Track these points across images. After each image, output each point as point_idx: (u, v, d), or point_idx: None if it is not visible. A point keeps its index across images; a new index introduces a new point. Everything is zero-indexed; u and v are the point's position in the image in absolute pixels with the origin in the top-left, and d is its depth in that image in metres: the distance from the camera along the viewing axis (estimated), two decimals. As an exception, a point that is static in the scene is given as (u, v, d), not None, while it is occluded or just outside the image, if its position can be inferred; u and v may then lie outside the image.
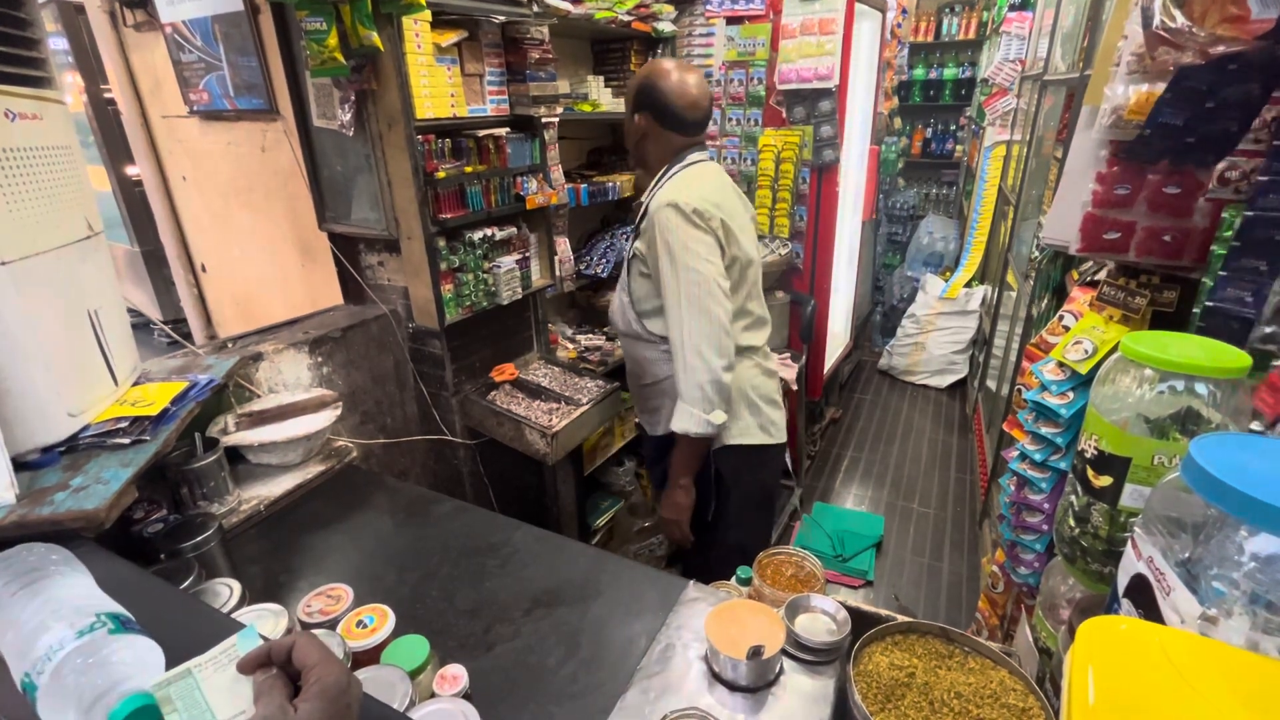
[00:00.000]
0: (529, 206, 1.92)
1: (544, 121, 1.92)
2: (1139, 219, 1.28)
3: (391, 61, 1.51)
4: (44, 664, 0.57)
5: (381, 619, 0.91)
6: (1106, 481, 0.96)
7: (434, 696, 0.82)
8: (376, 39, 1.43)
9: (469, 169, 1.73)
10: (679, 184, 1.43)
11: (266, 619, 0.89)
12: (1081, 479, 1.02)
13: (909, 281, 5.04)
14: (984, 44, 5.41)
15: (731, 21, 2.73)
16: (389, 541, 1.26)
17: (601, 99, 2.32)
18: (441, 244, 1.72)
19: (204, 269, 2.65)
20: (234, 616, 0.88)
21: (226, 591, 0.96)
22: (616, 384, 1.96)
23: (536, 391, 1.96)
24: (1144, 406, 0.92)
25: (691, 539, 1.60)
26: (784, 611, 0.96)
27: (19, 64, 0.94)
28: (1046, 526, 1.33)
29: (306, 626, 0.93)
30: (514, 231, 1.93)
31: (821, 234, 2.92)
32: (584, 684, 0.92)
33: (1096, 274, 1.53)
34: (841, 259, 3.47)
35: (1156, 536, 0.70)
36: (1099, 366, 1.13)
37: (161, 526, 1.09)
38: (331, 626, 0.92)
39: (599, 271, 2.40)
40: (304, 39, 1.40)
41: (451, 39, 1.64)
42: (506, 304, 1.94)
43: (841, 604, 0.97)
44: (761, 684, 0.90)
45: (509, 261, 1.91)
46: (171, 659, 0.54)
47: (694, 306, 1.37)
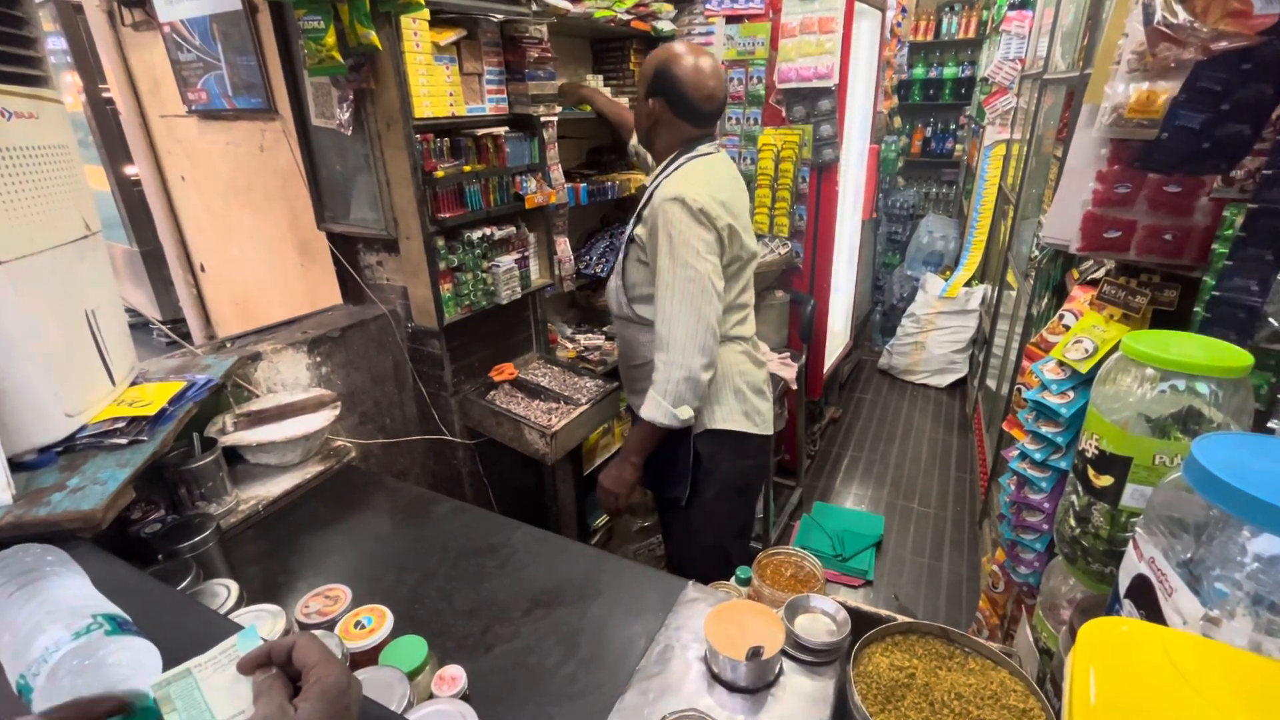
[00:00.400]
0: (528, 206, 1.92)
1: (543, 120, 1.92)
2: (1139, 218, 1.27)
3: (390, 60, 1.50)
4: (40, 665, 0.57)
5: (380, 620, 0.91)
6: (1107, 481, 0.96)
7: (432, 697, 0.82)
8: (375, 38, 1.43)
9: (468, 168, 1.73)
10: (687, 177, 1.42)
11: (264, 620, 0.89)
12: (1082, 479, 1.01)
13: (909, 281, 5.03)
14: (984, 43, 5.41)
15: (731, 20, 2.73)
16: (388, 542, 1.26)
17: (601, 98, 2.30)
18: (440, 243, 1.71)
19: (202, 269, 2.64)
20: (232, 617, 0.87)
21: (224, 592, 0.96)
22: (616, 384, 1.96)
23: (536, 391, 1.96)
24: (1145, 406, 0.92)
25: (624, 513, 1.62)
26: (783, 612, 0.95)
27: (15, 63, 0.94)
28: (1047, 526, 1.33)
29: (305, 627, 0.93)
30: (513, 231, 1.93)
31: (821, 233, 2.91)
32: (583, 685, 0.92)
33: (1097, 273, 1.52)
34: (841, 258, 3.46)
35: (1158, 537, 0.70)
36: (1099, 366, 1.13)
37: (159, 527, 1.09)
38: (330, 627, 0.92)
39: (599, 271, 2.40)
40: (302, 38, 1.40)
41: (450, 38, 1.63)
42: (505, 303, 1.93)
43: (841, 604, 0.97)
44: (761, 685, 0.89)
45: (508, 261, 1.91)
46: (169, 660, 0.53)
47: (686, 304, 1.37)
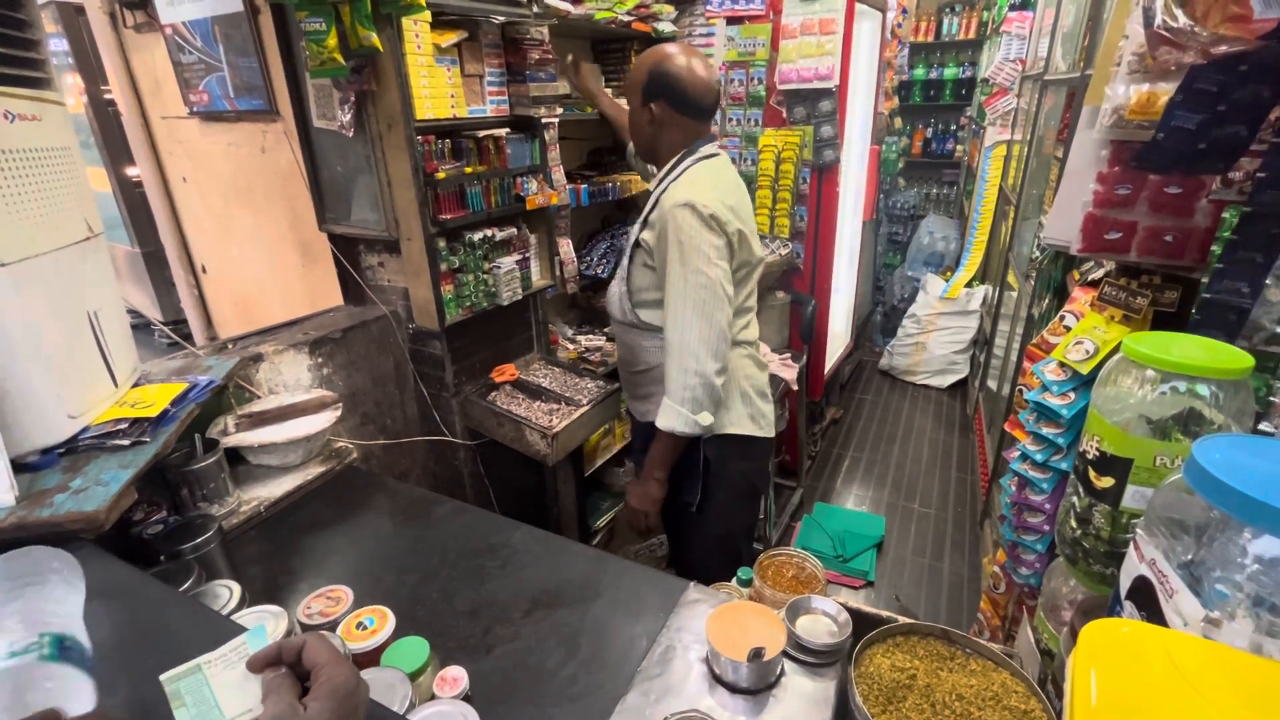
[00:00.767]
0: (529, 207, 1.92)
1: (544, 122, 1.92)
2: (1140, 219, 1.27)
3: (391, 62, 1.51)
4: None
5: (381, 621, 0.91)
6: (1108, 483, 0.96)
7: (434, 698, 0.82)
8: (376, 40, 1.43)
9: (469, 170, 1.73)
10: (696, 181, 1.41)
11: (266, 621, 0.89)
12: (1083, 480, 1.01)
13: (910, 281, 5.03)
14: (984, 44, 5.41)
15: (732, 21, 2.73)
16: (389, 543, 1.26)
17: (602, 99, 2.31)
18: (441, 245, 1.72)
19: (204, 270, 2.64)
20: (234, 618, 0.88)
21: (226, 593, 0.96)
22: (617, 385, 1.96)
23: (537, 392, 1.96)
24: (1146, 407, 0.92)
25: (653, 530, 1.61)
26: (785, 613, 0.95)
27: (18, 65, 0.94)
28: (1048, 527, 1.33)
29: (306, 628, 0.93)
30: (514, 232, 1.93)
31: (822, 234, 2.91)
32: (584, 686, 0.92)
33: (1097, 274, 1.52)
34: (842, 259, 3.47)
35: (1159, 538, 0.70)
36: (1100, 367, 1.13)
37: (161, 528, 1.09)
38: (331, 628, 0.92)
39: (600, 272, 2.40)
40: (304, 40, 1.40)
41: (451, 39, 1.63)
42: (507, 305, 1.93)
43: (842, 605, 0.97)
44: (762, 686, 0.89)
45: (509, 262, 1.91)
46: (171, 661, 0.53)
47: (698, 310, 1.36)
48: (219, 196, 2.32)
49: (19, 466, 0.93)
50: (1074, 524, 1.05)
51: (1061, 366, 1.29)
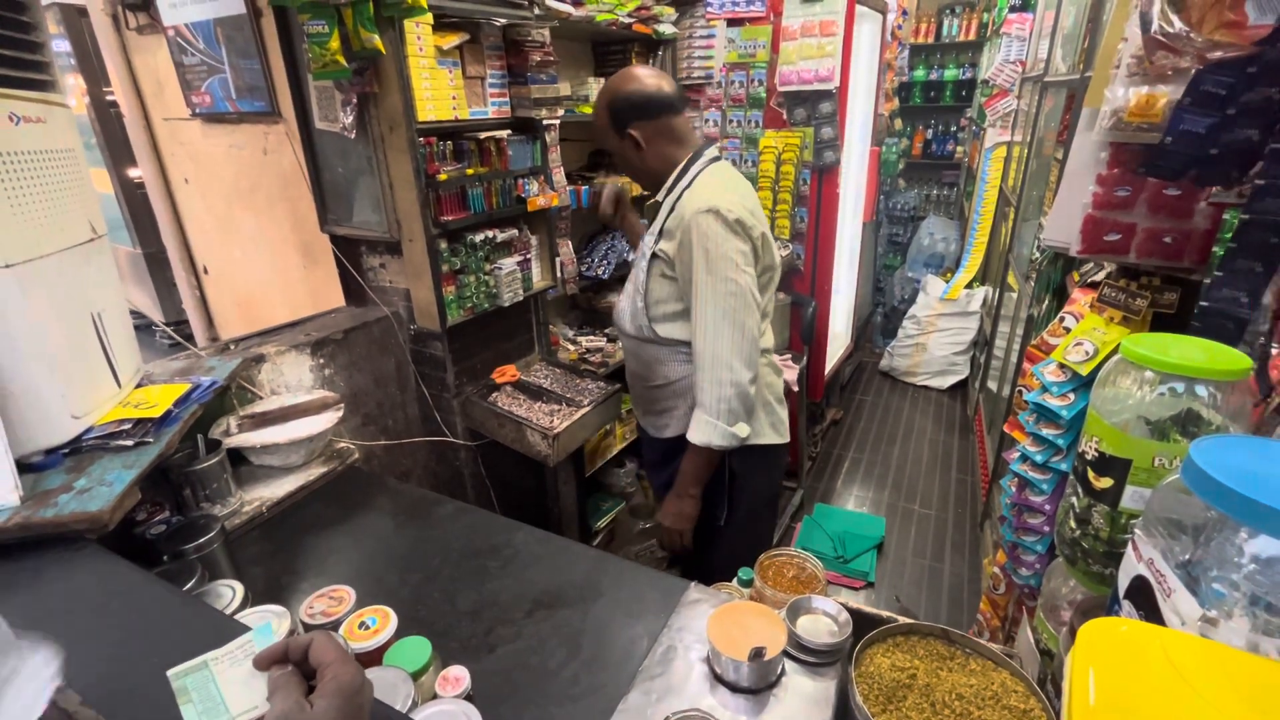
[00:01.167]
0: (530, 208, 1.92)
1: (545, 124, 1.92)
2: (1139, 221, 1.28)
3: (393, 64, 1.51)
4: None
5: (384, 620, 0.92)
6: (1107, 483, 0.96)
7: (436, 698, 0.82)
8: (378, 42, 1.44)
9: (470, 171, 1.74)
10: (713, 187, 1.37)
11: (269, 621, 0.89)
12: (1082, 481, 1.02)
13: (910, 282, 5.04)
14: (984, 45, 5.41)
15: (732, 23, 2.74)
16: (391, 543, 1.27)
17: (602, 101, 2.31)
18: (443, 246, 1.72)
19: (206, 271, 2.65)
20: (237, 618, 0.88)
21: (229, 593, 0.96)
22: (618, 386, 1.97)
23: (538, 393, 1.96)
24: (1145, 408, 0.92)
25: (688, 549, 1.56)
26: (785, 613, 0.96)
27: (23, 68, 0.95)
28: (1047, 528, 1.33)
29: (309, 628, 0.93)
30: (515, 233, 1.93)
31: (822, 235, 2.92)
32: (586, 685, 0.92)
33: (1097, 275, 1.53)
34: (842, 260, 3.47)
35: (1157, 538, 0.70)
36: (1100, 368, 1.13)
37: (164, 528, 1.09)
38: (334, 628, 0.92)
39: (600, 273, 2.41)
40: (306, 42, 1.41)
41: (453, 41, 1.64)
42: (508, 306, 1.94)
43: (843, 605, 0.98)
44: (763, 685, 0.90)
45: (510, 263, 1.92)
46: (174, 661, 0.54)
47: (728, 318, 1.33)
48: (221, 198, 2.33)
49: (23, 467, 0.93)
50: (1073, 524, 1.05)
51: (1061, 368, 1.30)
